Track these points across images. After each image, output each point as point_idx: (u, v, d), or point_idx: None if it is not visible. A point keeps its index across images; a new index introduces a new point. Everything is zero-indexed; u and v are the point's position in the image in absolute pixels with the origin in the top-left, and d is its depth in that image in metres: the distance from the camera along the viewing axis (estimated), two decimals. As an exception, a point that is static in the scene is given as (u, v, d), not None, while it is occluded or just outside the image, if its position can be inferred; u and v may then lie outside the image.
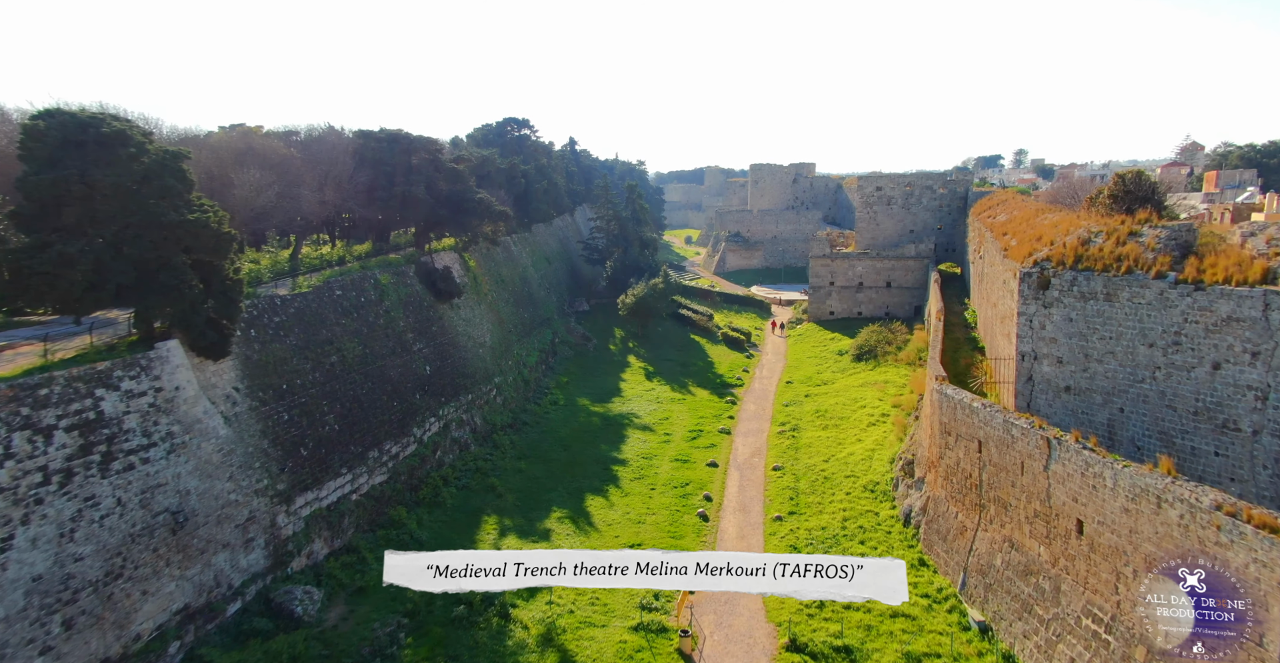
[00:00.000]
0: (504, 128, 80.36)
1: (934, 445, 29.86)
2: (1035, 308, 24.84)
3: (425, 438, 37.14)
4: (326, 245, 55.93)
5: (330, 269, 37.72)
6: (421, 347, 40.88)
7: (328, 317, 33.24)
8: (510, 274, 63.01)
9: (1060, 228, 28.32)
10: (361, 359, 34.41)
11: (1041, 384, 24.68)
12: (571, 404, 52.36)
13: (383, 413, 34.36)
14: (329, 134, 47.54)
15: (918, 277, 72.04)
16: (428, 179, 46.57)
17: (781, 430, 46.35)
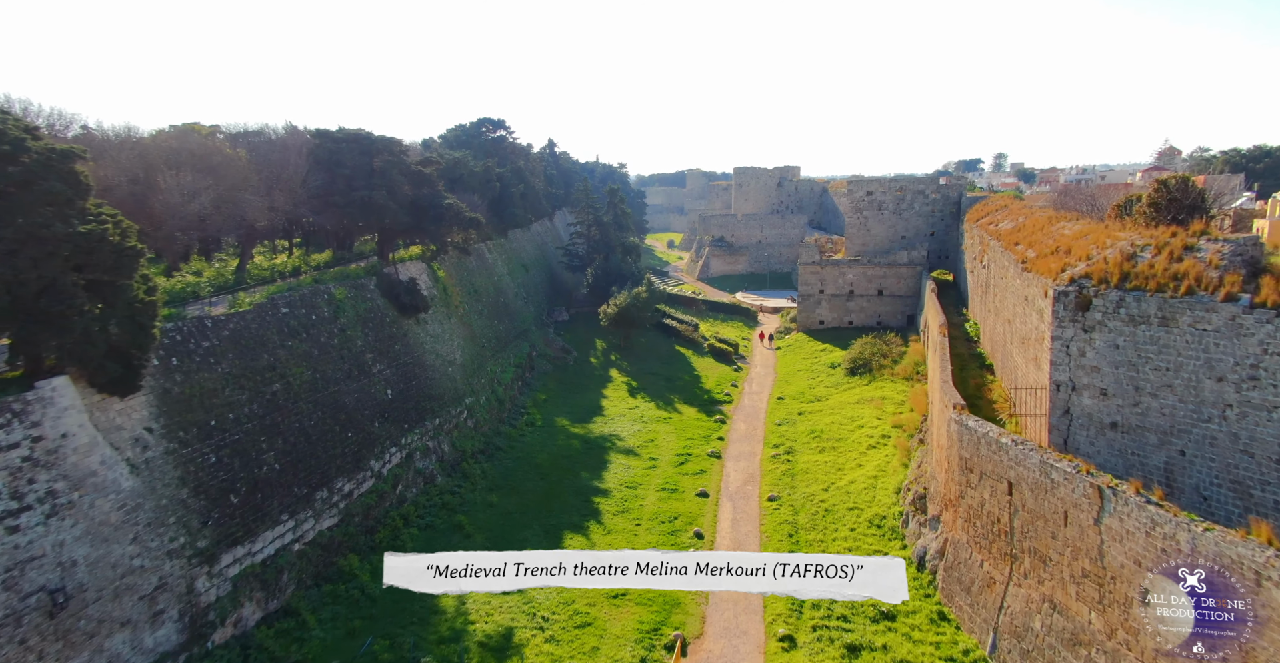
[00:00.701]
0: (478, 129, 76.60)
1: (952, 482, 26.79)
2: (1073, 332, 21.86)
3: (384, 472, 33.36)
4: (284, 254, 51.90)
5: (277, 284, 33.84)
6: (382, 368, 37.09)
7: (270, 339, 29.40)
8: (484, 284, 59.28)
9: (1091, 240, 25.43)
10: (310, 386, 30.60)
11: (1081, 418, 21.67)
12: (550, 425, 48.75)
13: (334, 446, 30.56)
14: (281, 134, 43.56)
15: (910, 284, 69.51)
16: (391, 183, 42.80)
17: (775, 454, 43.17)
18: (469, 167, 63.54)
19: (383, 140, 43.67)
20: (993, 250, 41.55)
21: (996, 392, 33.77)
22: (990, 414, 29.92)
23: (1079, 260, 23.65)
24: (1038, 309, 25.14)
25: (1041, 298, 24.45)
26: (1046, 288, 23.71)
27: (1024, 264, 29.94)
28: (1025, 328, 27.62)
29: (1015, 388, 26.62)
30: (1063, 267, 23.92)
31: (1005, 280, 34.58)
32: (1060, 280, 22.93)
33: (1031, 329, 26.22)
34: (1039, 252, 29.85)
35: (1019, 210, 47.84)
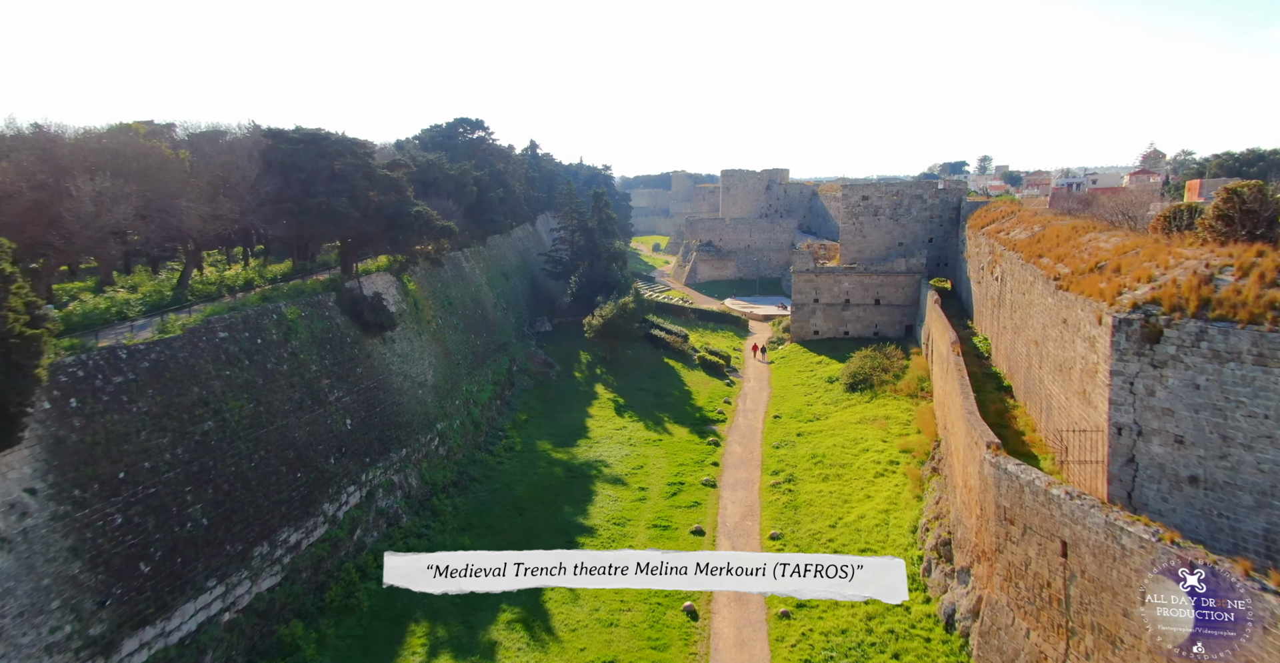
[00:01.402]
0: (455, 129, 72.66)
1: (985, 531, 23.51)
2: (1138, 367, 18.63)
3: (340, 515, 29.48)
4: (238, 264, 47.70)
5: (219, 302, 29.86)
6: (341, 395, 33.20)
7: (204, 368, 25.47)
8: (460, 295, 55.41)
9: (1145, 256, 22.27)
10: (252, 421, 26.69)
11: (1150, 470, 18.45)
12: (530, 450, 45.02)
13: (279, 490, 26.66)
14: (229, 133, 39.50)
15: (909, 293, 66.61)
16: (353, 189, 38.91)
17: (775, 482, 39.77)
18: (444, 169, 59.69)
19: (344, 141, 39.78)
20: (1008, 261, 38.50)
21: (1022, 420, 30.62)
22: (1018, 448, 26.75)
23: (1138, 281, 20.46)
24: (1085, 336, 21.93)
25: (1092, 324, 21.23)
26: (1100, 313, 20.48)
27: (1058, 281, 26.78)
28: (1065, 355, 24.42)
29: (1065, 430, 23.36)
30: (1117, 289, 20.71)
31: (1030, 297, 31.46)
32: (1119, 305, 19.70)
33: (1076, 358, 23.01)
34: (1074, 267, 26.72)
35: (1030, 217, 44.93)
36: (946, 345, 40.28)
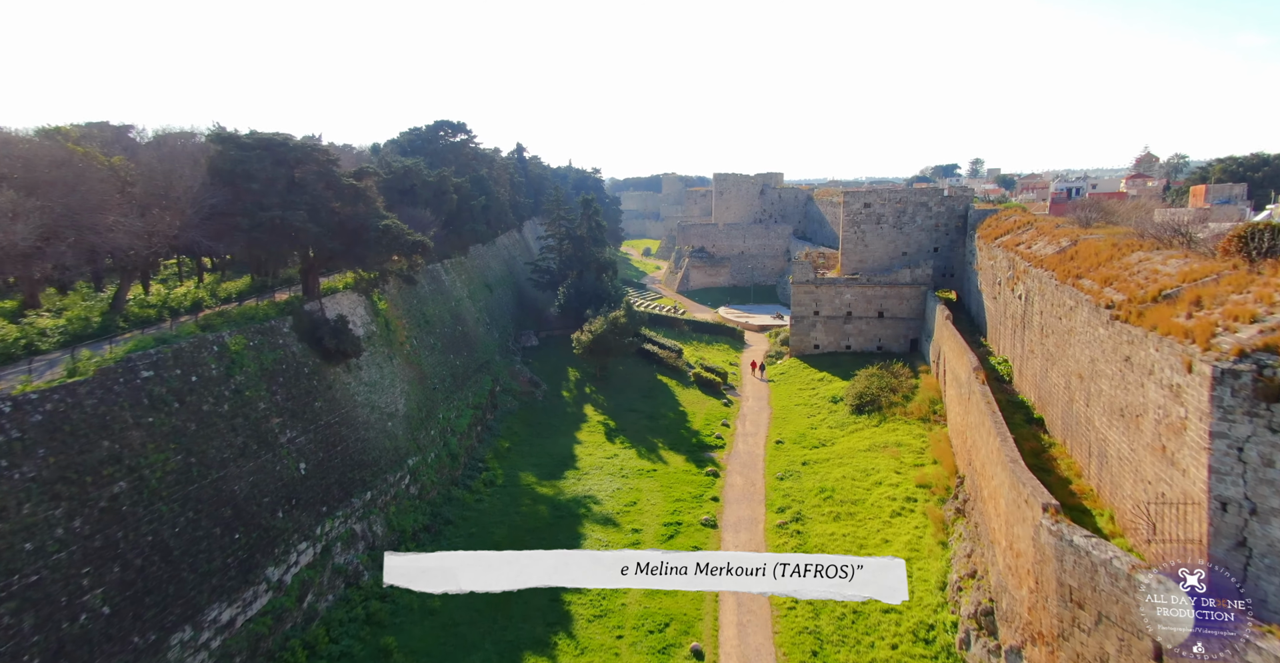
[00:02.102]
0: (436, 133, 68.66)
1: (1043, 610, 19.95)
2: (1249, 430, 15.16)
3: (288, 579, 25.53)
4: (191, 280, 43.57)
5: (141, 336, 25.85)
6: (295, 435, 29.26)
7: (118, 417, 21.52)
8: (439, 311, 51.47)
9: (1232, 288, 18.83)
10: (178, 477, 22.73)
11: (1270, 559, 14.95)
12: (513, 484, 41.16)
13: (210, 558, 22.71)
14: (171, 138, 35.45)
15: (914, 306, 63.38)
16: (315, 200, 34.97)
17: (781, 522, 36.15)
18: (422, 176, 55.73)
19: (303, 148, 35.80)
20: (1034, 279, 35.13)
21: (1064, 463, 27.17)
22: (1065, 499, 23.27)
23: (1234, 320, 17.00)
24: (1165, 383, 18.43)
25: (1176, 370, 17.72)
26: (1189, 359, 16.98)
27: (1113, 310, 23.35)
28: (1130, 400, 20.94)
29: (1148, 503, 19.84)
30: (1208, 329, 17.21)
31: (1070, 324, 28.03)
32: (1217, 351, 16.20)
33: (1147, 405, 19.53)
34: (1130, 294, 23.29)
35: (1052, 230, 41.60)
36: (966, 371, 36.85)
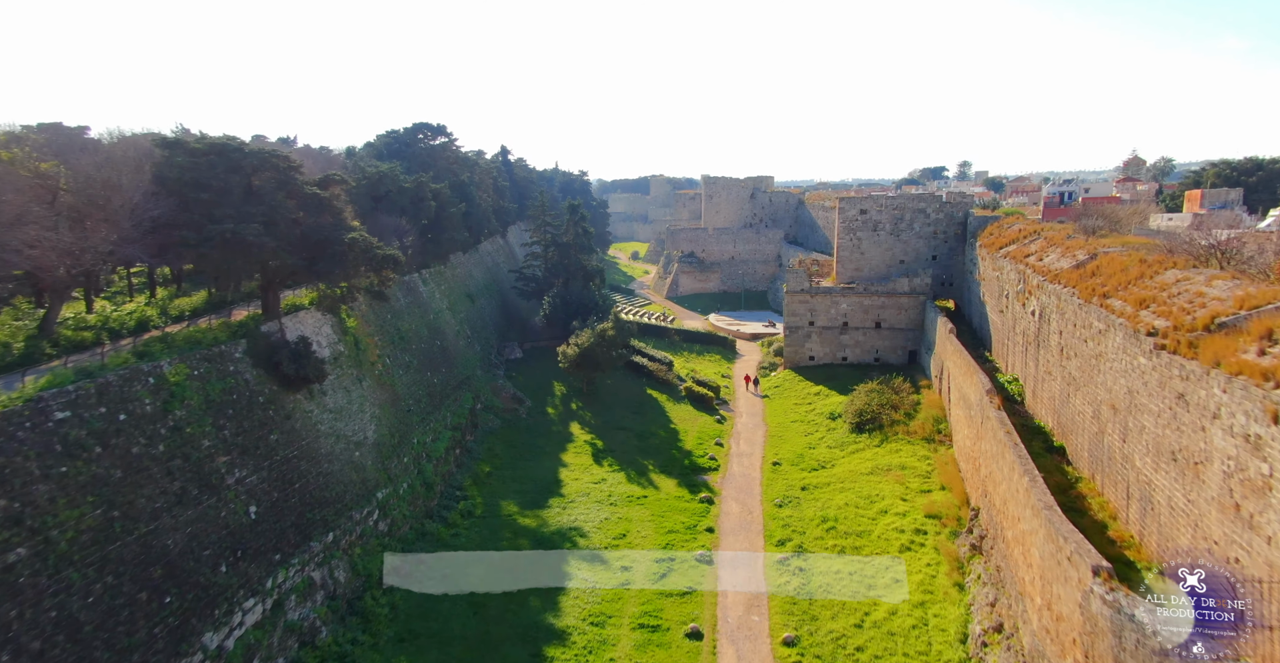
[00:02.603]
0: (414, 136, 65.59)
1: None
2: (1356, 501, 12.69)
3: (230, 645, 22.56)
4: (142, 295, 40.27)
5: (69, 365, 22.82)
6: (245, 474, 26.27)
7: (19, 470, 18.53)
8: (415, 326, 48.49)
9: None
10: (96, 535, 19.76)
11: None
12: (493, 514, 38.30)
13: (134, 629, 19.74)
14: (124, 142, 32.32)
15: (912, 316, 61.16)
16: (274, 211, 31.92)
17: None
18: (398, 182, 52.74)
19: (260, 153, 32.78)
20: (1051, 295, 32.83)
21: (1095, 502, 24.80)
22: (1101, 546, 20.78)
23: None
24: (1237, 431, 16.02)
25: (1257, 420, 15.30)
26: (1275, 409, 14.53)
27: (1156, 339, 20.96)
28: (1184, 443, 18.54)
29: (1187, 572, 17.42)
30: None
31: (1099, 348, 25.66)
32: (1309, 403, 13.76)
33: (1211, 453, 17.12)
34: (1176, 321, 20.91)
35: (1061, 240, 39.38)
36: (976, 393, 34.48)
